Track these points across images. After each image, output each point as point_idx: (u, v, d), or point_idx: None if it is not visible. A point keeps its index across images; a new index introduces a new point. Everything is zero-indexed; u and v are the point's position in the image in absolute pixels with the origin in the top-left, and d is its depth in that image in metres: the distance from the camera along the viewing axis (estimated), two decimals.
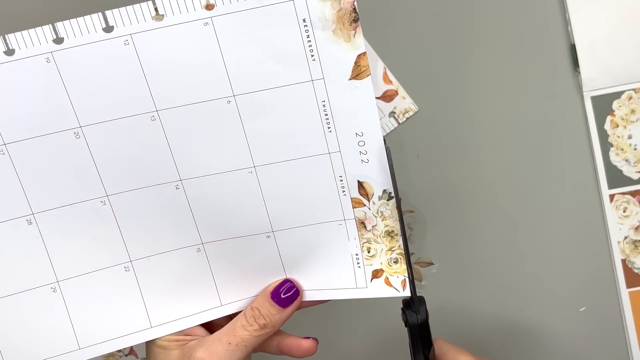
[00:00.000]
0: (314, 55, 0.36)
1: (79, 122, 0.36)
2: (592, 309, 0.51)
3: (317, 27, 0.36)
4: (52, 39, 0.36)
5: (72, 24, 0.36)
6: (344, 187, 0.39)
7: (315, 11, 0.36)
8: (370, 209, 0.39)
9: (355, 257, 0.40)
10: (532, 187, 0.51)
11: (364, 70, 0.37)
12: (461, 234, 0.52)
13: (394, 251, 0.40)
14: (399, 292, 0.39)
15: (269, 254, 0.40)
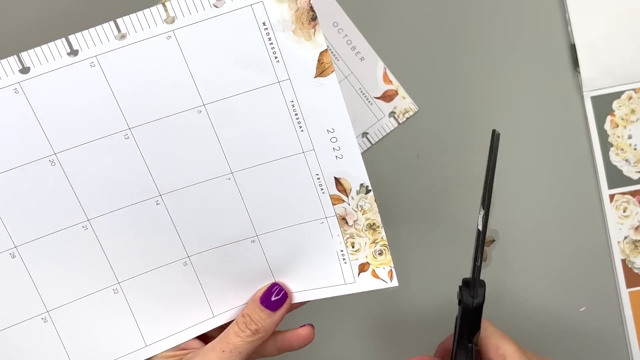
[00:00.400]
0: (278, 57, 0.37)
1: (52, 150, 0.36)
2: (592, 309, 0.51)
3: (278, 29, 0.36)
4: (18, 69, 0.36)
5: (37, 52, 0.36)
6: (321, 184, 0.39)
7: (274, 14, 0.36)
8: (349, 204, 0.40)
9: (341, 253, 0.40)
10: (532, 187, 0.51)
11: (328, 67, 0.37)
12: (461, 233, 0.52)
13: (378, 243, 0.40)
14: (387, 283, 0.40)
15: (255, 259, 0.40)
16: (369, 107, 0.52)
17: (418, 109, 0.52)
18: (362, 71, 0.52)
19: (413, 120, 0.52)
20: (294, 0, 0.36)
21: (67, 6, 0.53)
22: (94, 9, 0.53)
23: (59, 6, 0.53)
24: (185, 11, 0.35)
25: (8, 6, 0.53)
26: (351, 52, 0.53)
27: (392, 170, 0.52)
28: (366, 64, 0.53)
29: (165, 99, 0.36)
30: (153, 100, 0.36)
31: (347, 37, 0.53)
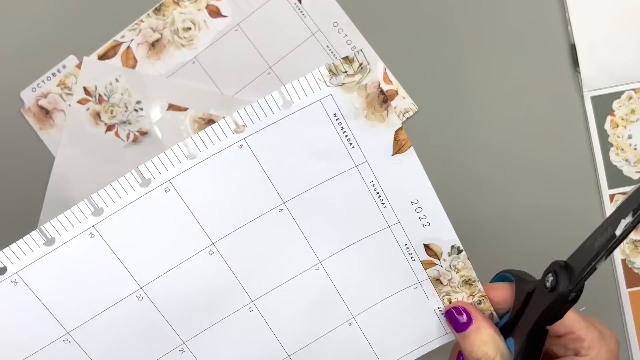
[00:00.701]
0: (352, 143, 0.36)
1: (138, 284, 0.35)
2: (592, 309, 0.51)
3: (350, 118, 0.35)
4: (90, 213, 0.34)
5: (108, 191, 0.34)
6: (411, 253, 0.38)
7: (344, 104, 0.35)
8: (442, 266, 0.39)
9: (439, 309, 0.40)
10: (532, 187, 0.51)
11: (405, 144, 0.37)
12: (461, 233, 0.52)
13: (475, 295, 0.40)
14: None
15: (355, 341, 0.39)
16: None
17: (418, 109, 0.52)
18: None
19: (413, 120, 0.52)
20: (362, 87, 0.35)
21: (69, 7, 0.53)
22: (94, 10, 0.53)
23: (61, 9, 0.53)
24: (254, 118, 0.34)
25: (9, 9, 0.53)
26: (351, 52, 0.53)
27: None
28: None
29: (244, 206, 0.35)
30: (232, 209, 0.35)
31: (347, 37, 0.53)
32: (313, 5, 0.53)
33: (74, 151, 0.52)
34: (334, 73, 0.34)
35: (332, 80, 0.34)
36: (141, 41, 0.53)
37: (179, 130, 0.52)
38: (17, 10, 0.54)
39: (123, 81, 0.52)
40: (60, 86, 0.53)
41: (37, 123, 0.53)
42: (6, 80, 0.53)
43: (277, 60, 0.53)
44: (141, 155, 0.52)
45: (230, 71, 0.53)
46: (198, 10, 0.53)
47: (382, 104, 0.36)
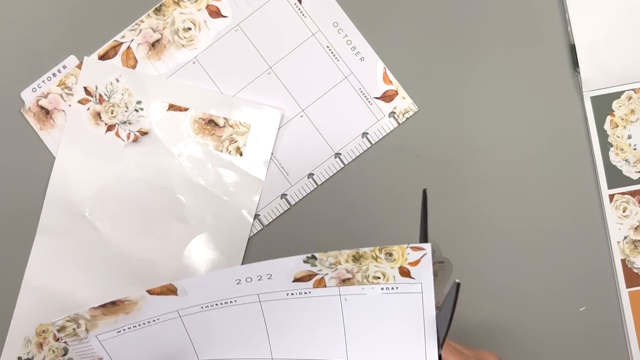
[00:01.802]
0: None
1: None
2: (591, 309, 0.51)
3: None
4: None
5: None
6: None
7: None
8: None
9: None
10: (532, 187, 0.51)
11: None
12: (461, 233, 0.52)
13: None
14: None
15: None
16: (369, 107, 0.52)
17: (418, 109, 0.52)
18: (362, 71, 0.53)
19: (413, 121, 0.52)
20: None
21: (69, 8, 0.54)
22: (94, 10, 0.53)
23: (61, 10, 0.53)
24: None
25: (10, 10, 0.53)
26: (351, 52, 0.53)
27: (392, 170, 0.52)
28: (366, 64, 0.53)
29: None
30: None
31: (347, 37, 0.53)
32: (313, 5, 0.53)
33: (74, 151, 0.52)
34: None
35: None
36: (141, 41, 0.53)
37: (179, 131, 0.52)
38: (17, 11, 0.54)
39: (123, 81, 0.53)
40: (61, 86, 0.53)
41: (37, 123, 0.53)
42: (7, 80, 0.53)
43: (277, 60, 0.53)
44: (141, 155, 0.52)
45: (231, 71, 0.53)
46: (198, 10, 0.53)
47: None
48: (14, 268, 0.52)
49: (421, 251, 0.33)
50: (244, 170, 0.52)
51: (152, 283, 0.51)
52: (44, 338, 0.51)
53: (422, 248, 0.33)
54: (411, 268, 0.34)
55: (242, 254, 0.52)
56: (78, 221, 0.52)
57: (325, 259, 0.34)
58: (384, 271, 0.34)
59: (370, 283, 0.35)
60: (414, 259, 0.34)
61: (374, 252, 0.33)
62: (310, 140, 0.53)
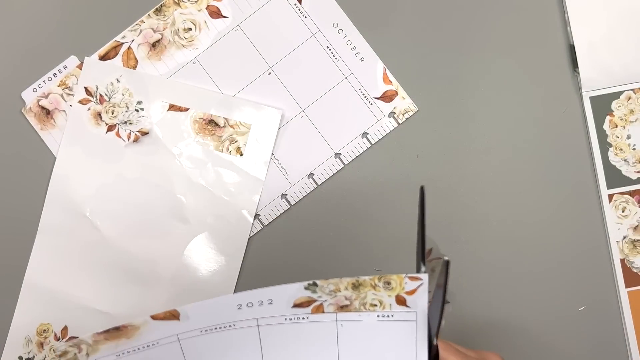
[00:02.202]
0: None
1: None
2: (591, 309, 0.51)
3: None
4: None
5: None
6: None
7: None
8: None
9: None
10: (531, 187, 0.52)
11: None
12: (461, 233, 0.52)
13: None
14: None
15: None
16: (369, 107, 0.53)
17: (418, 109, 0.52)
18: (362, 71, 0.53)
19: (413, 121, 0.52)
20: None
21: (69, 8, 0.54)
22: (95, 11, 0.54)
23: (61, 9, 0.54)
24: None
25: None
26: (351, 52, 0.53)
27: (392, 170, 0.52)
28: (366, 64, 0.53)
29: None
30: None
31: (347, 37, 0.53)
32: (313, 5, 0.53)
33: (75, 151, 0.52)
34: None
35: None
36: (142, 42, 0.53)
37: (180, 131, 0.52)
38: (18, 11, 0.54)
39: (124, 81, 0.53)
40: (62, 86, 0.53)
41: (38, 123, 0.53)
42: (7, 80, 0.53)
43: (277, 61, 0.53)
44: (142, 155, 0.52)
45: (231, 71, 0.53)
46: (198, 10, 0.53)
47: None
48: (15, 268, 0.52)
49: (418, 281, 0.34)
50: (244, 170, 0.52)
51: (152, 283, 0.51)
52: (44, 337, 0.51)
53: (419, 278, 0.34)
54: (407, 297, 0.35)
55: (242, 254, 0.52)
56: (79, 221, 0.52)
57: (326, 286, 0.34)
58: (381, 299, 0.35)
59: (367, 310, 0.36)
60: (410, 288, 0.35)
61: (372, 281, 0.34)
62: (310, 140, 0.53)
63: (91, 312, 0.51)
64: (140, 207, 0.52)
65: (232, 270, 0.52)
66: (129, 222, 0.52)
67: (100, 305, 0.51)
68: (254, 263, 0.52)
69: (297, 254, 0.52)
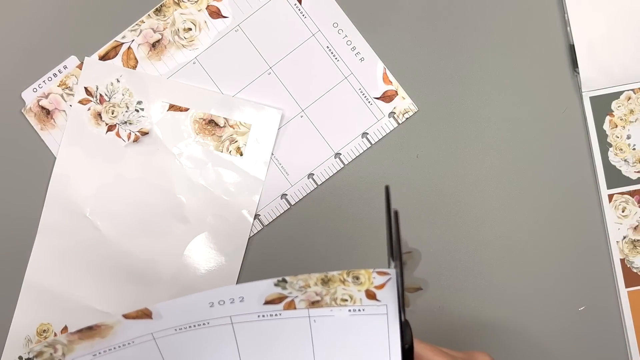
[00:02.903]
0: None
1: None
2: (591, 309, 0.51)
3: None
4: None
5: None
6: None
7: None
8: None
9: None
10: (531, 187, 0.52)
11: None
12: (460, 233, 0.52)
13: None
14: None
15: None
16: (369, 107, 0.53)
17: (418, 109, 0.52)
18: (362, 71, 0.53)
19: (413, 121, 0.52)
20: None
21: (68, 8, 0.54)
22: (95, 11, 0.54)
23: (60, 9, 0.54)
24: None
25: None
26: (351, 52, 0.53)
27: (392, 170, 0.52)
28: (366, 64, 0.53)
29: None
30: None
31: (347, 38, 0.53)
32: (313, 5, 0.53)
33: (75, 151, 0.52)
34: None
35: None
36: (142, 42, 0.53)
37: (180, 131, 0.52)
38: (18, 11, 0.54)
39: (124, 81, 0.53)
40: (62, 86, 0.53)
41: (38, 123, 0.53)
42: (7, 80, 0.53)
43: (277, 61, 0.53)
44: (142, 155, 0.52)
45: (231, 71, 0.53)
46: (198, 10, 0.53)
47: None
48: (15, 267, 0.52)
49: (386, 275, 0.35)
50: (244, 170, 0.52)
51: (152, 283, 0.51)
52: (44, 337, 0.51)
53: (387, 273, 0.35)
54: (377, 291, 0.35)
55: (242, 254, 0.52)
56: (79, 221, 0.52)
57: (295, 282, 0.35)
58: (351, 294, 0.36)
59: (338, 305, 0.36)
60: (379, 283, 0.35)
61: (341, 276, 0.35)
62: (310, 140, 0.53)
63: (91, 312, 0.51)
64: (140, 207, 0.52)
65: (232, 270, 0.52)
66: (129, 222, 0.52)
67: (100, 305, 0.51)
68: (254, 263, 0.52)
69: (297, 254, 0.52)
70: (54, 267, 0.52)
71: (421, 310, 0.52)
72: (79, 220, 0.52)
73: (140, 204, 0.52)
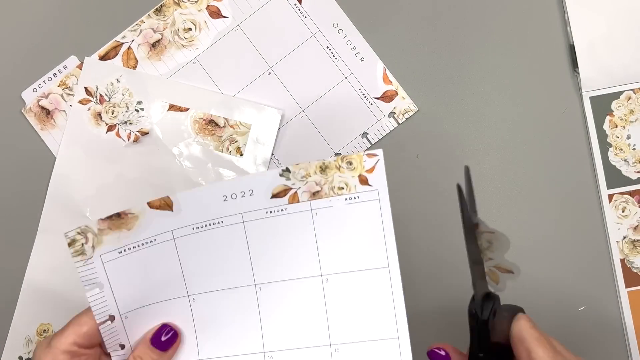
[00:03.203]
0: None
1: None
2: (591, 309, 0.51)
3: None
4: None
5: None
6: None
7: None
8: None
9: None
10: (531, 187, 0.52)
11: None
12: (461, 233, 0.52)
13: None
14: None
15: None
16: (369, 108, 0.53)
17: (418, 109, 0.52)
18: (362, 71, 0.53)
19: (413, 121, 0.52)
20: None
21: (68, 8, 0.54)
22: (95, 11, 0.54)
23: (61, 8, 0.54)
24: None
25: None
26: (351, 52, 0.53)
27: (392, 170, 0.52)
28: (366, 65, 0.53)
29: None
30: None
31: (347, 38, 0.53)
32: (313, 5, 0.53)
33: (75, 151, 0.52)
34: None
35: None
36: (142, 42, 0.53)
37: (180, 131, 0.52)
38: (18, 11, 0.54)
39: (124, 81, 0.53)
40: (62, 86, 0.53)
41: (38, 123, 0.53)
42: (7, 80, 0.53)
43: (277, 61, 0.53)
44: (142, 155, 0.52)
45: (231, 71, 0.53)
46: (198, 11, 0.53)
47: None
48: (15, 268, 0.52)
49: (375, 157, 0.39)
50: (244, 171, 0.52)
51: None
52: (44, 337, 0.51)
53: (375, 155, 0.39)
54: (368, 175, 0.40)
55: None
56: (79, 221, 0.52)
57: (297, 172, 0.40)
58: (347, 181, 0.40)
59: (336, 194, 0.40)
60: (370, 166, 0.40)
61: (337, 162, 0.39)
62: (310, 140, 0.53)
63: None
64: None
65: None
66: None
67: None
68: None
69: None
70: (54, 267, 0.52)
71: (423, 310, 0.51)
72: (79, 220, 0.52)
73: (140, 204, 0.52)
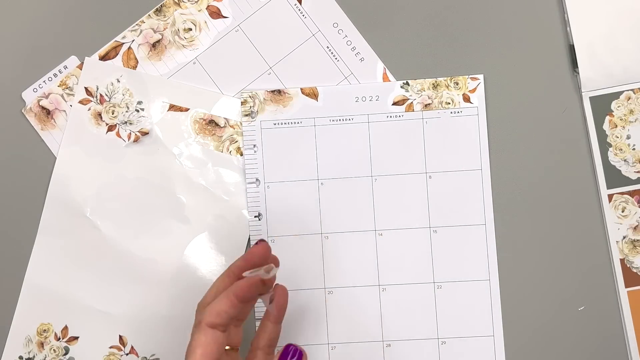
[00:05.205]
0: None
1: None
2: (590, 309, 0.51)
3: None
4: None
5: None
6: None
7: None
8: None
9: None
10: (531, 187, 0.52)
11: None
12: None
13: None
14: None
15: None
16: None
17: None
18: (362, 71, 0.53)
19: None
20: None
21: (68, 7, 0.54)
22: (95, 11, 0.54)
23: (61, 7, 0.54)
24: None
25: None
26: (351, 52, 0.53)
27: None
28: (366, 64, 0.53)
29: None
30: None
31: (347, 38, 0.53)
32: (313, 6, 0.53)
33: (75, 151, 0.52)
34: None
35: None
36: (142, 42, 0.53)
37: (180, 131, 0.52)
38: (18, 11, 0.54)
39: (124, 81, 0.53)
40: (62, 86, 0.53)
41: (38, 123, 0.53)
42: (7, 80, 0.53)
43: (277, 61, 0.53)
44: (142, 155, 0.52)
45: (231, 71, 0.53)
46: (199, 11, 0.53)
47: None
48: (15, 267, 0.52)
49: (477, 80, 0.51)
50: (245, 170, 0.52)
51: (153, 283, 0.51)
52: (45, 337, 0.51)
53: (477, 78, 0.51)
54: (470, 95, 0.51)
55: (242, 254, 0.52)
56: (79, 221, 0.52)
57: (415, 85, 0.51)
58: (452, 97, 0.51)
59: (443, 108, 0.51)
60: (472, 87, 0.51)
61: (446, 81, 0.51)
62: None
63: (91, 311, 0.51)
64: (140, 207, 0.52)
65: None
66: (129, 222, 0.52)
67: (100, 305, 0.51)
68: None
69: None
70: (54, 267, 0.52)
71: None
72: (79, 220, 0.52)
73: (140, 204, 0.52)
